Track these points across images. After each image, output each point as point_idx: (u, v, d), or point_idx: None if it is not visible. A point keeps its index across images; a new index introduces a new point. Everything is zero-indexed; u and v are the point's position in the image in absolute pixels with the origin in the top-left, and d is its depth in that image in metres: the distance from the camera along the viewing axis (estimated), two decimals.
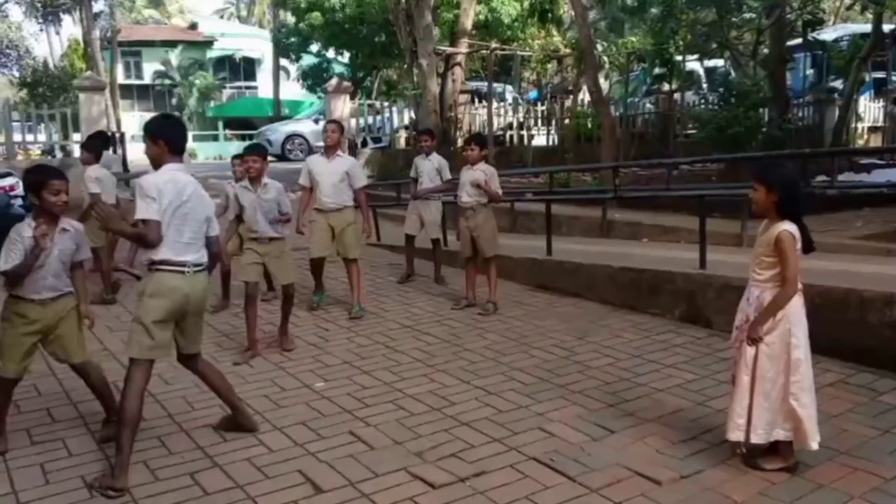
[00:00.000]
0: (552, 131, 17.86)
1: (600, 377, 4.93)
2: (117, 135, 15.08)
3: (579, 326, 6.13)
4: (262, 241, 5.61)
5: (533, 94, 22.25)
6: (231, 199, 5.82)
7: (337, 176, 6.56)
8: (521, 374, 5.01)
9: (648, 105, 18.16)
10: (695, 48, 16.12)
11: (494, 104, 16.74)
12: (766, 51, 14.84)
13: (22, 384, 4.15)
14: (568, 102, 18.14)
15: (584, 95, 18.44)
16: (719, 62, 18.68)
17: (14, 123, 15.36)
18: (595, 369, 5.09)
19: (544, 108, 18.35)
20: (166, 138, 3.74)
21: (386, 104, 19.83)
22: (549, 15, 19.02)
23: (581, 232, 9.42)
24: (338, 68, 30.08)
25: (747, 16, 15.81)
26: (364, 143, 16.86)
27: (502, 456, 3.80)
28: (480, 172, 6.69)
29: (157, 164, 3.75)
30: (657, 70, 16.36)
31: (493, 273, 6.74)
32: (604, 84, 18.31)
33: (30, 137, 15.84)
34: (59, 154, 17.71)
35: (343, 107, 15.67)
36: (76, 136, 14.19)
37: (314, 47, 28.58)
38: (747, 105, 11.02)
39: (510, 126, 17.75)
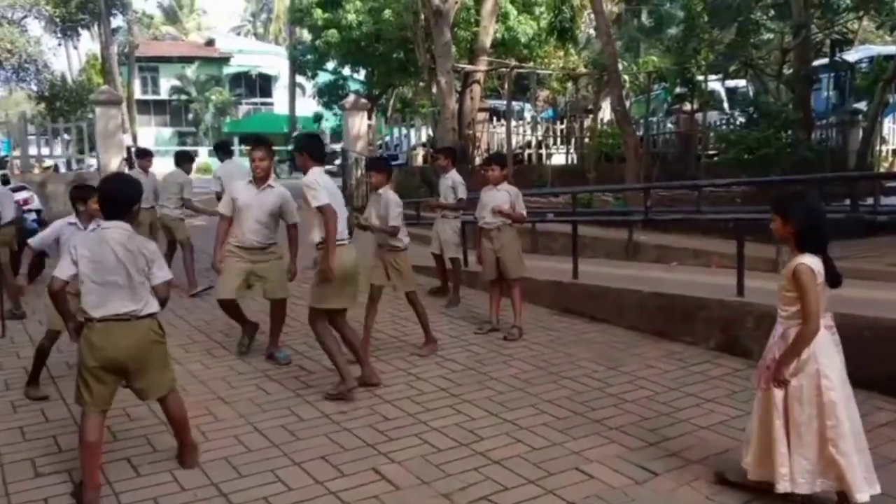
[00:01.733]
0: (571, 150, 17.63)
1: (637, 412, 4.64)
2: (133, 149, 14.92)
3: (610, 355, 5.85)
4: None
5: (549, 112, 22.08)
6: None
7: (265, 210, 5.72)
8: (552, 407, 4.73)
9: (669, 125, 17.91)
10: (717, 67, 15.89)
11: (513, 123, 16.55)
12: (790, 71, 14.60)
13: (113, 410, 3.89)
14: (587, 121, 17.91)
15: (604, 114, 18.25)
16: (740, 82, 18.45)
17: (31, 137, 15.32)
18: (631, 403, 4.80)
19: (563, 127, 18.14)
20: (309, 151, 5.07)
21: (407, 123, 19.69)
22: (568, 34, 18.87)
23: (605, 254, 9.16)
24: (354, 86, 30.09)
25: (765, 36, 15.62)
26: None
27: (539, 500, 3.52)
28: (504, 193, 6.49)
29: (305, 169, 5.04)
30: (678, 89, 16.13)
31: (518, 296, 6.50)
32: None
33: (46, 151, 15.78)
34: (74, 167, 17.66)
35: (360, 124, 15.51)
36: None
37: (330, 64, 28.61)
38: (776, 126, 10.75)
39: (528, 145, 17.55)
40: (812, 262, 3.18)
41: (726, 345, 5.83)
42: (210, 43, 45.96)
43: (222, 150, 9.44)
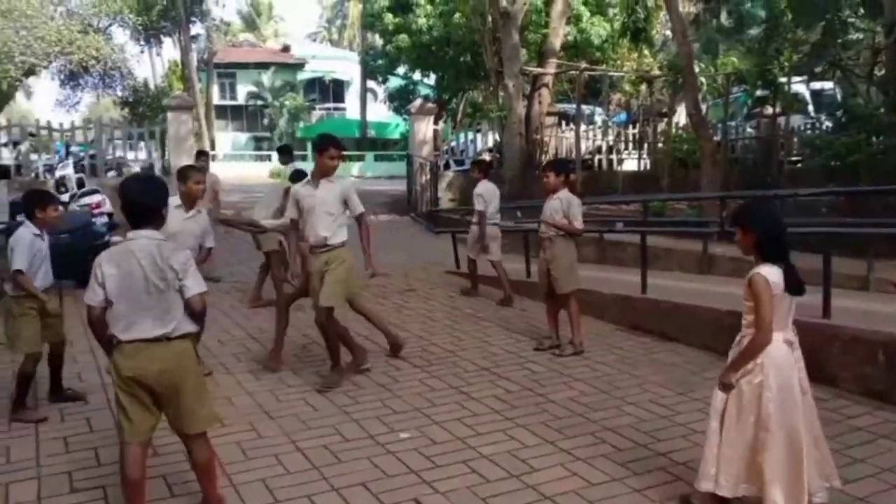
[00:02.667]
0: (644, 156, 17.01)
1: None
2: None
3: (680, 378, 5.42)
4: None
5: (621, 116, 21.46)
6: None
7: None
8: (613, 437, 4.36)
9: (749, 129, 17.08)
10: (801, 69, 15.03)
11: (583, 127, 16.07)
12: (882, 72, 13.64)
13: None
14: (661, 126, 17.25)
15: (679, 118, 17.56)
16: (827, 84, 17.44)
17: (117, 141, 15.81)
18: (701, 434, 4.31)
19: (635, 131, 17.53)
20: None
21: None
22: (643, 35, 18.26)
23: (678, 266, 8.66)
24: (424, 90, 30.09)
25: (854, 36, 14.67)
26: (447, 166, 16.47)
27: None
28: (557, 202, 6.16)
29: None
30: (759, 92, 15.34)
31: (573, 311, 6.14)
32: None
33: (131, 155, 16.22)
34: (157, 170, 18.15)
35: (426, 129, 15.34)
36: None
37: (401, 69, 28.69)
38: (868, 131, 9.99)
39: (599, 150, 17.03)
40: (769, 272, 3.19)
41: (810, 371, 5.29)
42: (286, 49, 46.80)
43: (285, 153, 9.40)
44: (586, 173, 15.34)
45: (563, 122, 17.43)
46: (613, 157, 16.81)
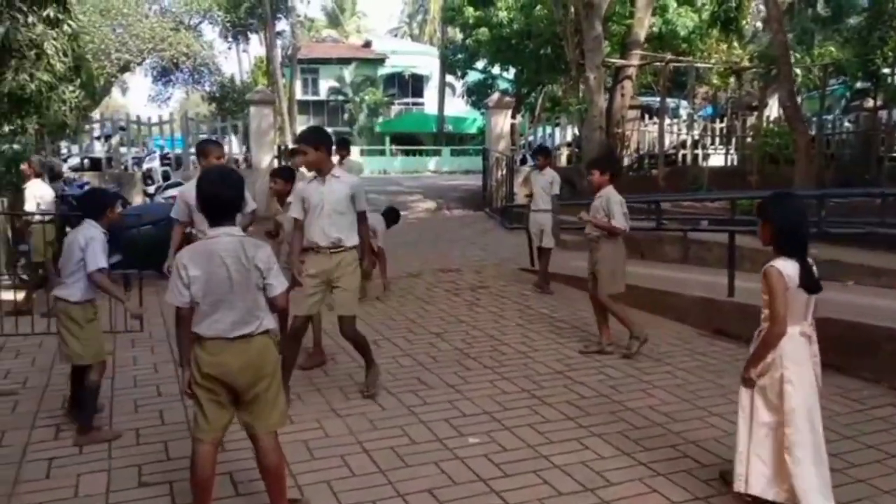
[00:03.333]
0: (731, 151, 16.29)
1: None
2: (282, 147, 15.41)
3: None
4: None
5: (707, 110, 20.63)
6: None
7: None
8: (696, 450, 4.08)
9: (847, 123, 16.11)
10: None
11: (667, 121, 15.51)
12: None
13: None
14: (751, 119, 16.46)
15: (770, 112, 16.73)
16: None
17: (202, 135, 16.26)
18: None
19: (723, 125, 16.80)
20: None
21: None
22: (733, 25, 17.47)
23: None
24: (503, 84, 29.80)
25: None
26: (523, 161, 16.19)
27: None
28: (598, 200, 5.94)
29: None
30: (859, 84, 14.42)
31: (618, 311, 5.90)
32: None
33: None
34: (242, 165, 18.59)
35: (503, 123, 15.11)
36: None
37: (480, 63, 28.49)
38: None
39: (683, 144, 16.41)
40: (784, 265, 3.17)
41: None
42: (367, 45, 47.35)
43: (342, 147, 9.35)
44: (669, 169, 14.81)
45: (646, 116, 16.86)
46: (699, 151, 16.17)
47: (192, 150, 14.69)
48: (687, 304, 6.81)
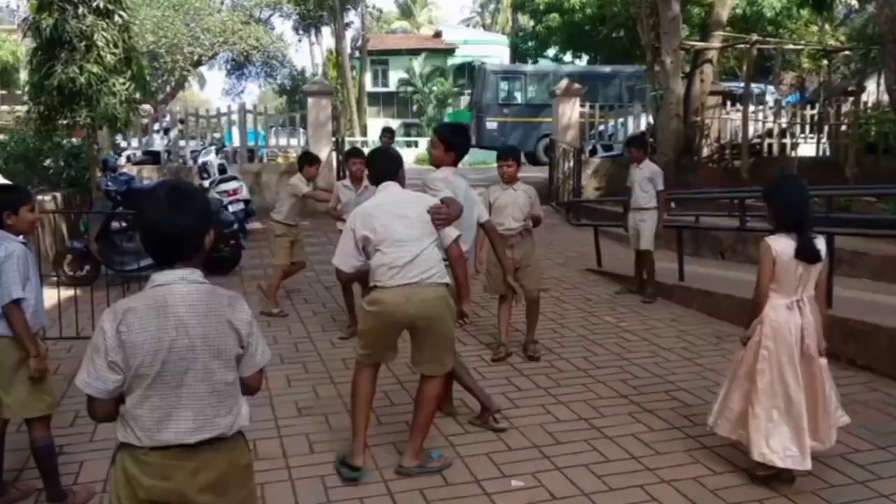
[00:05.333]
0: (823, 140, 14.95)
1: None
2: (339, 139, 14.99)
3: (880, 425, 4.20)
4: None
5: (793, 97, 19.16)
6: (334, 195, 6.46)
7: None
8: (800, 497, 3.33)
9: None
10: None
11: (751, 107, 14.33)
12: None
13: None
14: (846, 106, 15.07)
15: (868, 97, 15.28)
16: None
17: (272, 128, 16.16)
18: None
19: (813, 112, 15.45)
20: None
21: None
22: (825, 3, 16.03)
23: (870, 274, 7.16)
24: None
25: None
26: (593, 151, 15.29)
27: None
28: (523, 193, 5.62)
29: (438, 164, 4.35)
30: None
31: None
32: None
33: (289, 141, 16.43)
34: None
35: (572, 111, 14.24)
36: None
37: (551, 51, 27.61)
38: None
39: (769, 133, 15.16)
40: (775, 239, 3.45)
41: None
42: (437, 35, 46.83)
43: (387, 134, 8.88)
44: (754, 159, 13.66)
45: (728, 103, 15.66)
46: (787, 141, 14.90)
47: (249, 143, 14.50)
48: None
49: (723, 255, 9.16)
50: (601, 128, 15.42)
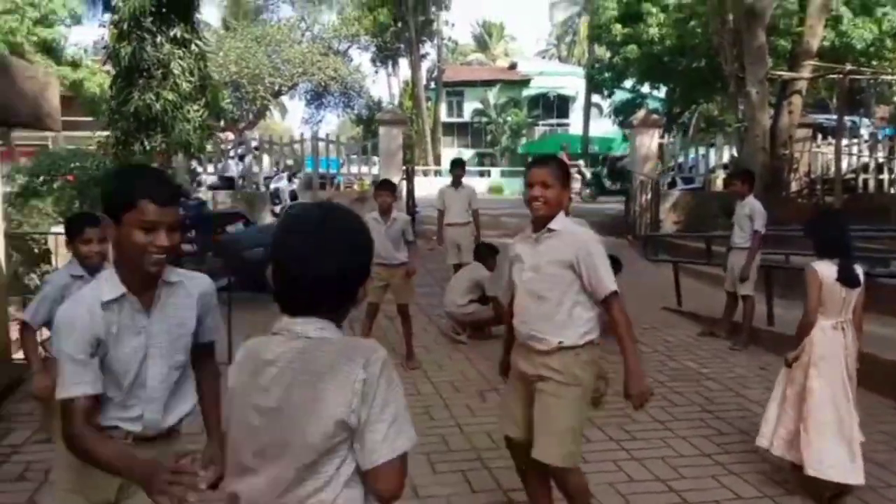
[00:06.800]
0: None
1: None
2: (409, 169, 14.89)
3: None
4: (387, 266, 5.90)
5: (889, 129, 18.08)
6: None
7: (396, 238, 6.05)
8: None
9: None
10: None
11: (844, 140, 13.52)
12: None
13: None
14: None
15: None
16: None
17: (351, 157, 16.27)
18: None
19: None
20: None
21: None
22: None
23: None
24: (652, 103, 28.21)
25: None
26: (672, 184, 14.71)
27: None
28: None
29: None
30: None
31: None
32: None
33: (361, 169, 16.49)
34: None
35: (650, 142, 13.75)
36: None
37: (628, 82, 27.12)
38: None
39: (865, 168, 14.27)
40: (819, 264, 3.69)
41: None
42: (512, 66, 46.91)
43: (458, 167, 8.51)
44: (848, 196, 12.82)
45: (818, 136, 14.86)
46: (884, 176, 13.97)
47: (321, 169, 14.57)
48: (883, 370, 5.33)
49: None
50: (680, 159, 14.84)
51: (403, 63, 40.47)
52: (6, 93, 4.23)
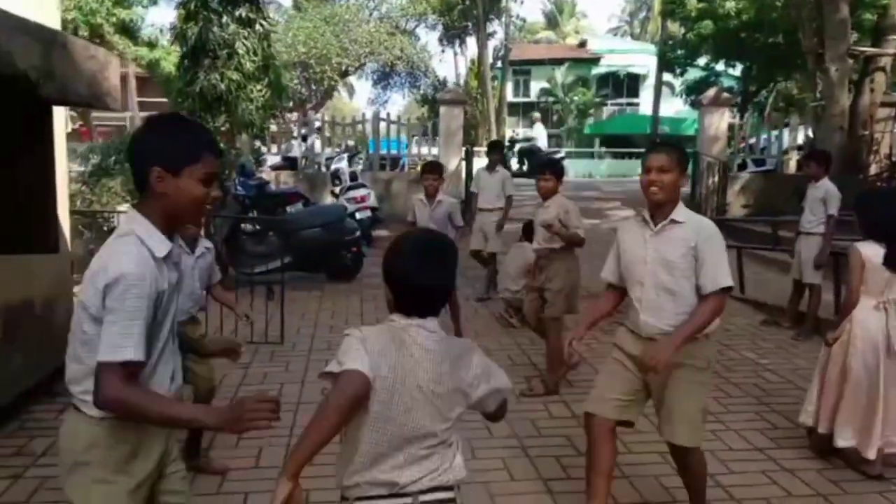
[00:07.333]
0: None
1: None
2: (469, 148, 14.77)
3: None
4: None
5: None
6: (411, 210, 6.31)
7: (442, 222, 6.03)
8: None
9: None
10: None
11: None
12: None
13: None
14: None
15: None
16: None
17: (414, 138, 16.28)
18: None
19: None
20: None
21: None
22: None
23: None
24: (727, 82, 27.24)
25: None
26: (743, 166, 14.16)
27: None
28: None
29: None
30: None
31: (553, 339, 4.96)
32: None
33: (424, 150, 16.48)
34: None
35: (719, 122, 13.23)
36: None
37: (702, 60, 26.22)
38: None
39: None
40: (864, 246, 3.76)
41: None
42: (582, 45, 45.93)
43: (495, 151, 8.31)
44: None
45: None
46: None
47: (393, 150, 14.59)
48: None
49: None
50: (752, 140, 14.27)
51: (471, 42, 40.17)
52: (65, 72, 4.35)
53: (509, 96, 42.20)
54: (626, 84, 43.18)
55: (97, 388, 1.81)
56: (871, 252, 3.72)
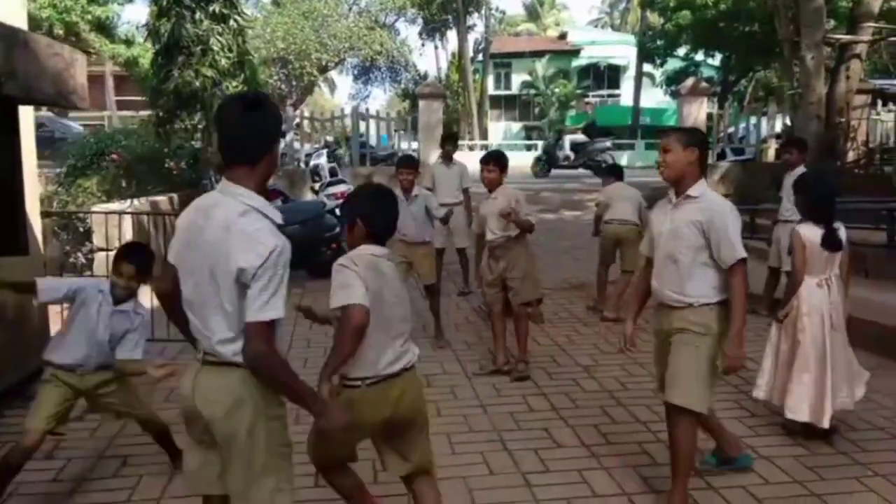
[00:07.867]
0: None
1: None
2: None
3: None
4: (408, 243, 5.85)
5: None
6: None
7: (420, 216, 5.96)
8: None
9: None
10: None
11: None
12: None
13: None
14: None
15: None
16: None
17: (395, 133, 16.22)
18: None
19: None
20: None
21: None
22: None
23: None
24: (707, 72, 27.37)
25: None
26: (722, 155, 14.23)
27: None
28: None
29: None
30: None
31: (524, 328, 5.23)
32: None
33: (406, 145, 16.43)
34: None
35: (698, 112, 13.29)
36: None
37: (681, 50, 26.33)
38: None
39: None
40: (805, 229, 4.02)
41: None
42: (562, 37, 45.95)
43: (449, 142, 8.05)
44: None
45: (879, 103, 14.16)
46: None
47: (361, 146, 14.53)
48: None
49: (867, 273, 8.10)
50: (730, 130, 14.34)
51: (451, 35, 40.09)
52: (28, 70, 4.26)
53: (491, 89, 42.17)
54: (607, 75, 43.26)
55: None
56: (811, 234, 3.95)
